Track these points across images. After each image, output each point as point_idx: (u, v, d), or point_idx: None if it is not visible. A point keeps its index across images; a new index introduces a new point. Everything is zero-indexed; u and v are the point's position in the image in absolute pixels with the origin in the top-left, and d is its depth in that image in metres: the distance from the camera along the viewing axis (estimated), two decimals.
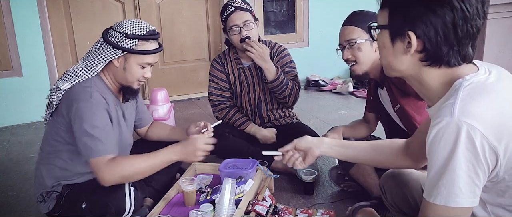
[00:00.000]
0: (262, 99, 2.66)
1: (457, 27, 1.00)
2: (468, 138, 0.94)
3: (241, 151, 2.44)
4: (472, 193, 0.99)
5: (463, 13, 0.99)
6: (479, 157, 0.96)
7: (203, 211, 1.81)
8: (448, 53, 1.03)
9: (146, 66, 1.83)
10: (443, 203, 0.99)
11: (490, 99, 1.00)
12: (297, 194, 2.25)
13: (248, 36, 2.46)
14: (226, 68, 2.66)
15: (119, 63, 1.80)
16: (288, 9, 4.56)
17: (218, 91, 2.66)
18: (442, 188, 0.99)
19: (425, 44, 1.04)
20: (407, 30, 1.04)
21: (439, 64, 1.06)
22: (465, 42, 1.03)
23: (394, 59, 1.11)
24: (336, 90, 4.45)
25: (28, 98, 3.67)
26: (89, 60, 1.80)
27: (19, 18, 3.52)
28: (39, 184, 1.86)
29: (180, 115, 3.81)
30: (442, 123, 0.97)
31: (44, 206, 1.84)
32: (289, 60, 2.63)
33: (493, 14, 2.49)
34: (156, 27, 4.06)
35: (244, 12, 2.48)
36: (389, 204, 1.63)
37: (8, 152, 3.09)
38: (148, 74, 1.86)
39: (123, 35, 1.76)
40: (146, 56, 1.80)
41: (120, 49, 1.76)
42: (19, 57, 3.58)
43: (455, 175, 0.97)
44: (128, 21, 1.80)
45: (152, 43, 1.81)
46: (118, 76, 1.84)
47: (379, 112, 2.17)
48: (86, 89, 1.74)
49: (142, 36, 1.76)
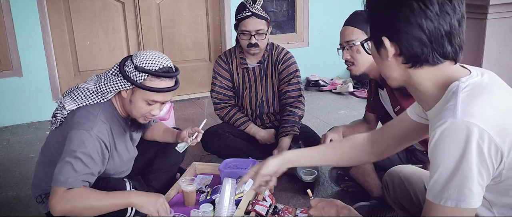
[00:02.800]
0: (264, 101, 2.65)
1: (422, 26, 1.02)
2: (476, 139, 0.95)
3: (241, 151, 2.44)
4: (479, 194, 0.99)
5: (423, 12, 1.01)
6: (485, 157, 0.96)
7: (203, 211, 1.82)
8: (423, 51, 1.05)
9: (152, 103, 1.72)
10: (454, 205, 0.99)
11: (489, 99, 1.01)
12: (297, 194, 2.25)
13: (256, 43, 2.45)
14: (231, 67, 2.64)
15: (127, 94, 1.73)
16: (288, 9, 4.55)
17: (220, 89, 2.64)
18: (453, 190, 0.98)
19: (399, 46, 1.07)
20: (381, 36, 1.08)
21: (420, 63, 1.07)
22: (438, 39, 1.03)
23: (384, 67, 1.15)
24: (336, 90, 4.44)
25: (28, 98, 3.67)
26: (101, 85, 1.72)
27: (19, 18, 3.52)
28: (38, 185, 1.86)
29: (180, 115, 3.80)
30: (445, 124, 0.97)
31: (43, 207, 1.84)
32: (294, 69, 2.59)
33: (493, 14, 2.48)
34: (156, 27, 4.12)
35: (260, 21, 2.43)
36: (392, 200, 1.64)
37: (8, 152, 3.09)
38: (155, 111, 1.75)
39: (133, 67, 1.67)
40: (153, 94, 1.69)
41: (129, 81, 1.67)
42: (19, 57, 3.58)
43: (467, 176, 0.97)
44: (146, 53, 1.71)
45: (163, 81, 1.69)
46: (125, 107, 1.78)
47: (379, 113, 2.17)
48: (91, 116, 1.68)
49: (152, 72, 1.66)
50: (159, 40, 4.17)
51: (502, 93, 1.06)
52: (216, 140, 2.53)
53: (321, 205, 1.38)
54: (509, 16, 2.53)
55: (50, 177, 1.79)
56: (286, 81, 2.58)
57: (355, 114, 3.57)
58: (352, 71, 2.01)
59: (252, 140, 2.61)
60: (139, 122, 1.81)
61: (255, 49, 2.48)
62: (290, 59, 2.61)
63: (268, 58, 2.61)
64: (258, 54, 2.59)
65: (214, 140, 2.54)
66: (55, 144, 1.78)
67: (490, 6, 2.43)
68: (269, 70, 2.62)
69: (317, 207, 1.39)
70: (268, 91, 2.63)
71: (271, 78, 2.63)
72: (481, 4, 2.45)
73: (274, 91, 2.64)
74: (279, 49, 2.63)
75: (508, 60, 2.60)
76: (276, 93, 2.65)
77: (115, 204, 1.65)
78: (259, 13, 2.43)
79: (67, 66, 3.87)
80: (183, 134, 2.01)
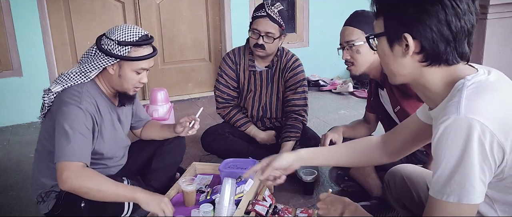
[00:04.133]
0: (268, 107, 2.64)
1: (451, 24, 1.03)
2: (478, 135, 0.95)
3: (241, 151, 2.44)
4: (481, 190, 1.00)
5: (454, 10, 1.02)
6: (486, 154, 0.97)
7: (203, 211, 1.81)
8: (446, 50, 1.05)
9: (141, 71, 1.81)
10: (456, 201, 1.00)
11: (494, 97, 1.01)
12: (297, 194, 2.25)
13: (262, 44, 2.42)
14: (238, 67, 2.61)
15: (113, 70, 1.79)
16: (288, 9, 4.55)
17: (225, 88, 2.62)
18: (455, 186, 0.99)
19: (422, 43, 1.06)
20: (403, 32, 1.07)
21: (439, 62, 1.08)
22: (461, 38, 1.05)
23: (395, 65, 1.13)
24: (336, 90, 4.44)
25: (28, 98, 3.67)
26: (83, 66, 1.79)
27: (19, 18, 3.52)
28: (37, 184, 1.86)
29: (180, 115, 3.80)
30: (449, 120, 0.98)
31: (43, 206, 1.84)
32: (302, 78, 2.56)
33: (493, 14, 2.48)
34: (156, 27, 4.12)
35: (272, 24, 2.40)
36: (393, 199, 1.64)
37: (8, 152, 3.09)
38: (144, 79, 1.84)
39: (116, 43, 1.74)
40: (140, 62, 1.78)
41: (113, 56, 1.74)
42: (19, 57, 3.58)
43: (469, 172, 0.97)
44: (120, 27, 1.77)
45: (145, 49, 1.78)
46: (114, 83, 1.83)
47: (379, 113, 2.17)
48: (76, 93, 1.74)
49: (134, 43, 1.74)
50: (159, 40, 4.17)
51: (508, 92, 1.06)
52: (216, 140, 2.53)
53: (330, 199, 1.38)
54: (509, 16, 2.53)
55: (47, 171, 1.81)
56: (292, 89, 2.56)
57: (355, 114, 3.57)
58: (352, 71, 2.01)
59: (252, 140, 2.61)
60: (129, 94, 1.87)
61: (261, 51, 2.46)
62: (298, 67, 2.57)
63: (277, 63, 2.58)
64: (267, 59, 2.56)
65: (214, 140, 2.54)
66: (46, 132, 1.80)
67: (490, 6, 2.43)
68: (276, 76, 2.59)
69: (325, 200, 1.39)
70: (273, 97, 2.61)
71: (277, 84, 2.60)
72: (481, 4, 2.45)
73: (278, 98, 2.62)
74: (288, 56, 2.60)
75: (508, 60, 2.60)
76: (280, 100, 2.63)
77: (121, 195, 1.67)
78: (274, 16, 2.42)
79: (67, 66, 3.87)
80: (178, 129, 2.05)
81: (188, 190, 1.94)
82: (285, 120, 2.56)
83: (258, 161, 2.10)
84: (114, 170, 1.98)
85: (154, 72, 4.24)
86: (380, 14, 1.13)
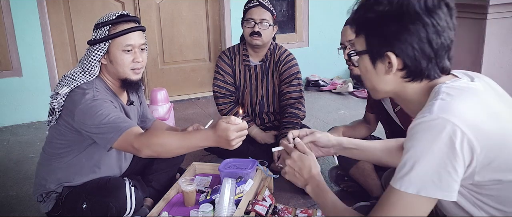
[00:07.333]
0: (265, 100, 2.66)
1: (432, 41, 1.05)
2: (448, 133, 0.96)
3: (241, 151, 2.43)
4: (448, 186, 0.99)
5: (434, 27, 1.04)
6: (457, 152, 0.97)
7: (203, 211, 1.81)
8: (427, 66, 1.07)
9: (129, 49, 1.75)
10: (414, 192, 1.00)
11: (469, 101, 1.03)
12: (297, 194, 2.25)
13: (259, 32, 2.48)
14: (233, 63, 2.66)
15: (105, 59, 1.78)
16: (288, 9, 4.56)
17: (223, 83, 2.66)
18: (416, 178, 1.00)
19: (404, 61, 1.08)
20: (386, 51, 1.08)
21: (420, 78, 1.10)
22: (442, 54, 1.07)
23: (378, 81, 1.15)
24: (336, 90, 4.45)
25: (28, 98, 3.67)
26: (84, 64, 1.78)
27: (19, 18, 3.52)
28: (40, 185, 1.86)
29: (180, 115, 3.80)
30: (423, 118, 1.00)
31: (43, 206, 1.84)
32: (296, 71, 2.61)
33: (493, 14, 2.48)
34: (156, 27, 4.12)
35: (265, 11, 2.50)
36: None
37: (8, 152, 3.09)
38: (138, 58, 1.77)
39: (95, 28, 1.76)
40: (123, 38, 1.73)
41: (96, 42, 1.74)
42: (19, 57, 3.58)
43: (432, 166, 0.98)
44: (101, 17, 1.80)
45: (125, 25, 1.75)
46: (112, 72, 1.80)
47: (379, 113, 2.17)
48: (87, 91, 1.71)
49: (110, 21, 1.74)
50: (159, 40, 4.18)
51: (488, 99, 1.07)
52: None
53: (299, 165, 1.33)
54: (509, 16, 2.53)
55: (53, 174, 1.80)
56: (287, 82, 2.60)
57: (355, 114, 3.57)
58: (353, 71, 2.01)
59: (252, 140, 2.61)
60: (131, 80, 1.80)
61: (257, 39, 2.50)
62: (291, 60, 2.63)
63: (271, 57, 2.64)
64: (261, 52, 2.60)
65: None
66: (58, 134, 1.78)
67: (490, 6, 2.43)
68: (271, 69, 2.64)
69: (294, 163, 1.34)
70: (269, 90, 2.64)
71: (272, 77, 2.64)
72: (481, 4, 2.45)
73: (274, 91, 2.66)
74: (281, 50, 2.66)
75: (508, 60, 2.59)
76: (276, 93, 2.66)
77: (189, 147, 1.59)
78: (265, 4, 2.52)
79: (67, 66, 3.87)
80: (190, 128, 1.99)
81: (188, 190, 1.94)
82: (282, 117, 2.58)
83: (258, 161, 2.11)
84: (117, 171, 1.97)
85: (154, 72, 4.24)
86: (361, 32, 1.14)
